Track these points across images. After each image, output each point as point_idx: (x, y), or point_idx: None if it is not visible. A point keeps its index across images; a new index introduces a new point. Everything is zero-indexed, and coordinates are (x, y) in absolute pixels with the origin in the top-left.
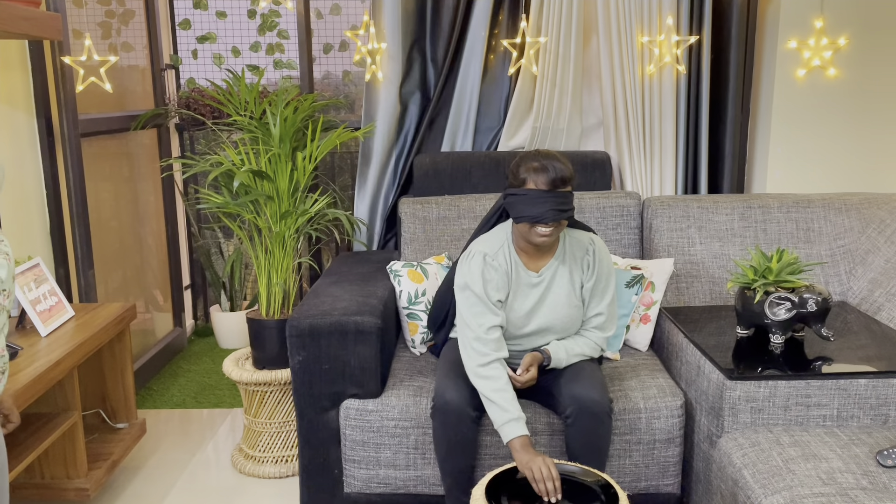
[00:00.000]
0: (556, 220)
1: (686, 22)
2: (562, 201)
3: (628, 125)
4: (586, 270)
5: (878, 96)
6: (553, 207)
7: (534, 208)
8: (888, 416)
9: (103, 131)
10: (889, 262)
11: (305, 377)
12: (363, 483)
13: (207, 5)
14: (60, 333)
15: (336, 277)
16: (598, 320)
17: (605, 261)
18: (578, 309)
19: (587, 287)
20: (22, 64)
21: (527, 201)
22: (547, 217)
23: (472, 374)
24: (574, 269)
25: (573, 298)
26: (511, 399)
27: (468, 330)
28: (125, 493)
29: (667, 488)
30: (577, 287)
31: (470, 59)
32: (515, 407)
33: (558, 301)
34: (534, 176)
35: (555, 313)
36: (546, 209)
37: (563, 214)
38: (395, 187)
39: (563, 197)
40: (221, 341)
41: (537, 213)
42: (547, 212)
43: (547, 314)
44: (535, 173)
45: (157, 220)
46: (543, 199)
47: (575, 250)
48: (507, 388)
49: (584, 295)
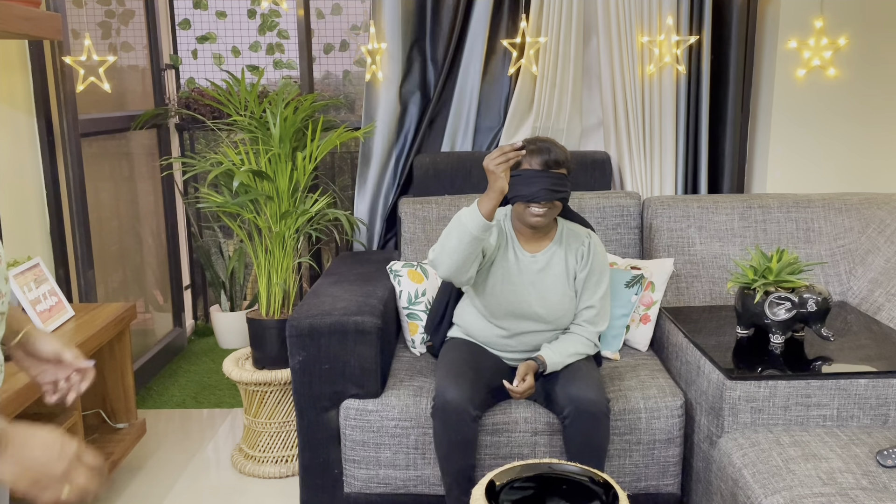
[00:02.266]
0: (549, 200)
1: (686, 22)
2: (555, 181)
3: (628, 125)
4: (580, 260)
5: (878, 96)
6: (546, 187)
7: (528, 187)
8: (888, 416)
9: (103, 131)
10: (889, 262)
11: (305, 377)
12: (363, 483)
13: (207, 5)
14: (60, 333)
15: (336, 277)
16: (589, 313)
17: (601, 256)
18: (571, 300)
19: (580, 277)
20: (22, 64)
21: (521, 181)
22: (540, 196)
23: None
24: (570, 256)
25: (566, 288)
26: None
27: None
28: (125, 493)
29: (667, 488)
30: (571, 276)
31: (470, 59)
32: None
33: (552, 286)
34: (528, 157)
35: (546, 298)
36: (539, 188)
37: (556, 195)
38: (395, 187)
39: (556, 178)
40: (221, 341)
41: (531, 192)
42: (540, 191)
43: (539, 298)
44: (530, 155)
45: (157, 220)
46: (537, 178)
47: (571, 239)
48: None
49: (577, 286)
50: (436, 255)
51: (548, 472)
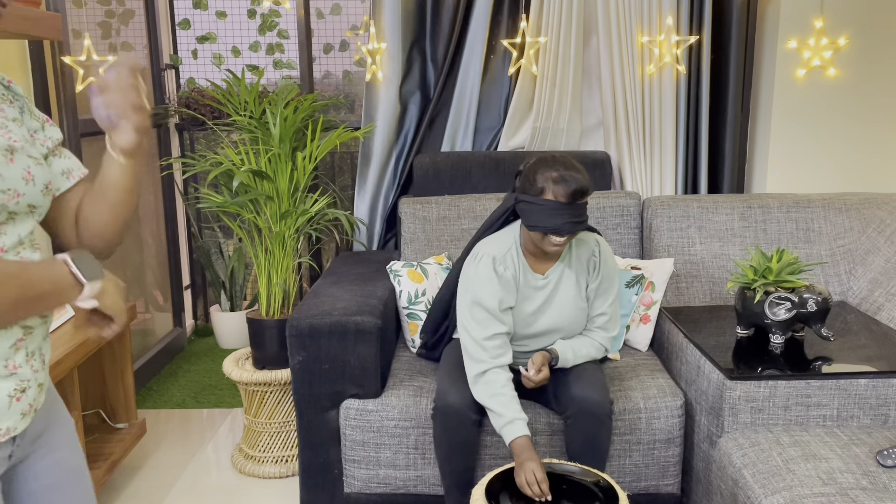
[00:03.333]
0: (573, 233)
1: (686, 22)
2: (579, 213)
3: (628, 125)
4: (592, 271)
5: (878, 96)
6: (570, 220)
7: (551, 220)
8: (888, 416)
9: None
10: (889, 262)
11: (305, 377)
12: (363, 483)
13: (207, 5)
14: (60, 333)
15: (336, 277)
16: (601, 320)
17: (610, 262)
18: (584, 310)
19: (592, 287)
20: (22, 64)
21: (543, 211)
22: (564, 230)
23: (470, 381)
24: (580, 271)
25: (579, 300)
26: (507, 402)
27: (467, 335)
28: (125, 493)
29: (667, 488)
30: (583, 288)
31: (470, 59)
32: (513, 409)
33: (564, 303)
34: (553, 187)
35: (561, 315)
36: (563, 221)
37: (580, 227)
38: (395, 187)
39: (580, 209)
40: (221, 341)
41: (554, 225)
42: (564, 224)
43: (553, 316)
44: (555, 184)
45: (157, 220)
46: (561, 211)
47: (581, 252)
48: (504, 391)
49: (588, 295)
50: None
51: (548, 472)
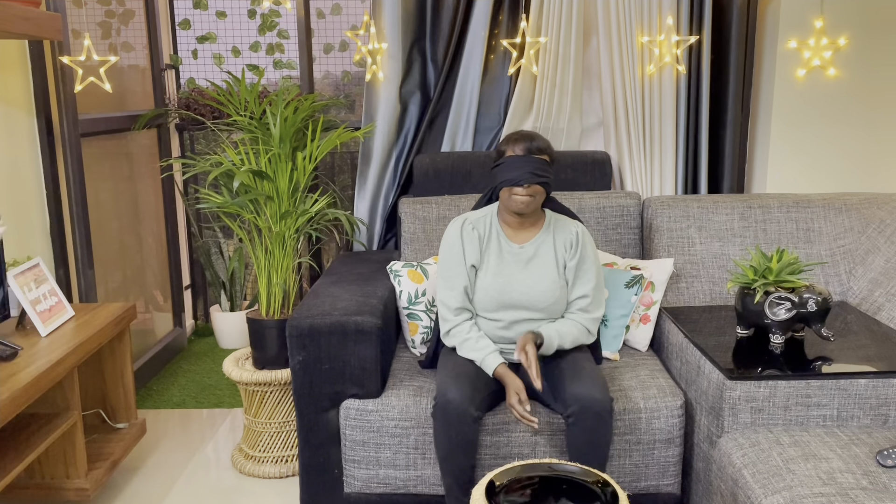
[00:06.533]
0: (532, 182)
1: (686, 22)
2: (537, 166)
3: (628, 125)
4: (569, 249)
5: (877, 96)
6: (529, 171)
7: (511, 172)
8: (888, 416)
9: (103, 131)
10: (889, 262)
11: (305, 377)
12: (363, 483)
13: (207, 5)
14: (60, 333)
15: (336, 277)
16: (582, 302)
17: (590, 247)
18: (562, 289)
19: (570, 266)
20: (22, 64)
21: (505, 168)
22: (523, 178)
23: (442, 336)
24: (558, 245)
25: (556, 277)
26: (474, 343)
27: (438, 298)
28: (125, 493)
29: (667, 488)
30: (561, 265)
31: (470, 59)
32: (482, 345)
33: (541, 275)
34: (511, 146)
35: (538, 286)
36: (522, 172)
37: (539, 178)
38: (395, 187)
39: (538, 163)
40: (221, 341)
41: (514, 175)
42: (523, 174)
43: (529, 283)
44: (514, 143)
45: (157, 220)
46: (520, 163)
47: (560, 229)
48: (469, 335)
49: (567, 275)
50: (447, 338)
51: (548, 472)
